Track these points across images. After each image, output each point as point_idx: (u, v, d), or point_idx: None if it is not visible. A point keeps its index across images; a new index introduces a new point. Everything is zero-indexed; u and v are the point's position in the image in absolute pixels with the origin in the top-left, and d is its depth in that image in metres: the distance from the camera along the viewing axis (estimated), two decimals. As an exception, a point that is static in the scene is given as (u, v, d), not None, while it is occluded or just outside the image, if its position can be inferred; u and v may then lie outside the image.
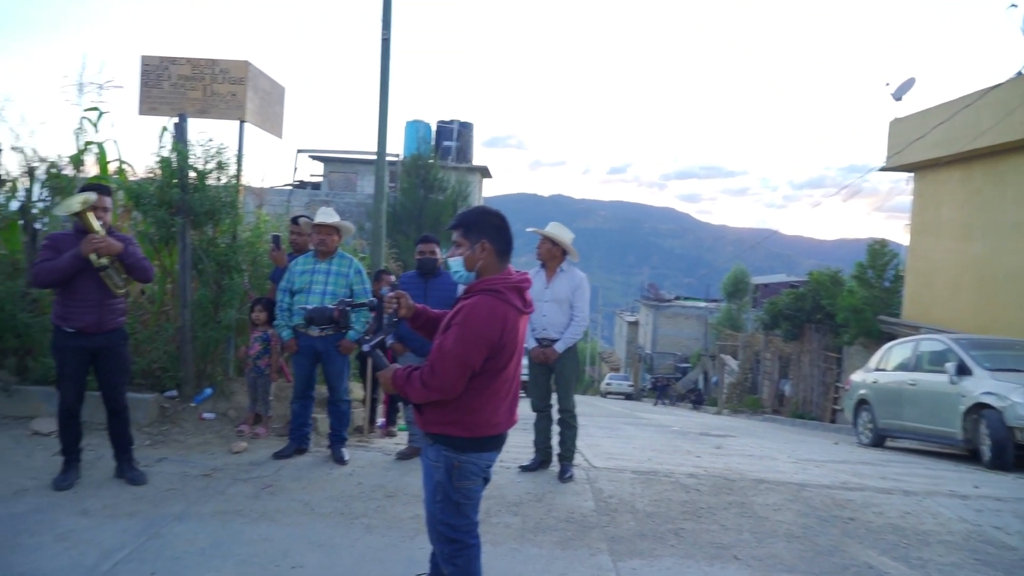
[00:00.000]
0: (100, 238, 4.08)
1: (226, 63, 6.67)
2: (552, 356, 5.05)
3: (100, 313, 4.23)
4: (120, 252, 4.18)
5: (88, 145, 6.61)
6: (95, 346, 4.27)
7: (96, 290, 4.21)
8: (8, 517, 3.81)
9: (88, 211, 4.07)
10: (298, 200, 20.31)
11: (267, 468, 4.89)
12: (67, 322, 4.20)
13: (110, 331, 4.32)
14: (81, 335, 4.21)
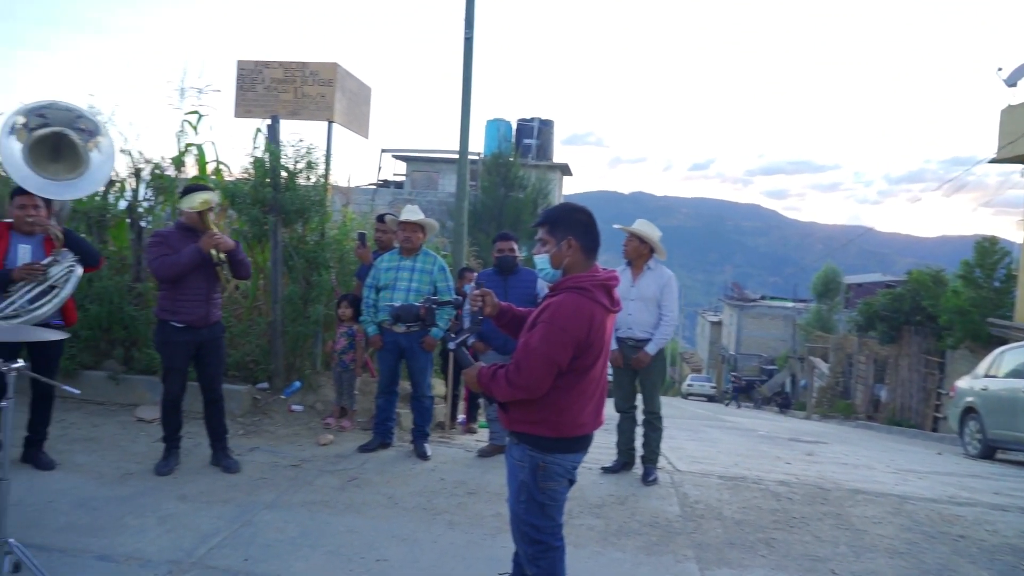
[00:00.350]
0: (219, 234, 4.32)
1: (316, 65, 6.85)
2: (645, 360, 4.94)
3: (208, 307, 4.45)
4: (232, 249, 4.38)
5: (188, 147, 6.95)
6: (200, 340, 4.48)
7: (205, 284, 4.42)
8: (116, 499, 4.03)
9: (208, 212, 4.30)
10: (382, 199, 20.81)
11: (352, 461, 5.00)
12: (176, 316, 4.40)
13: (213, 324, 4.53)
14: (189, 329, 4.42)
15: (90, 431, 5.31)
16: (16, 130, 3.87)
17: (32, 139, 3.83)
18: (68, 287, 4.19)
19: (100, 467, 4.55)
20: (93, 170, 4.10)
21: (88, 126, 4.08)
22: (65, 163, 4.12)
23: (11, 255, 4.15)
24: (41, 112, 3.95)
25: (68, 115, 4.00)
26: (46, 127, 3.97)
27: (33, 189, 3.94)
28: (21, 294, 4.06)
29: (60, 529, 3.58)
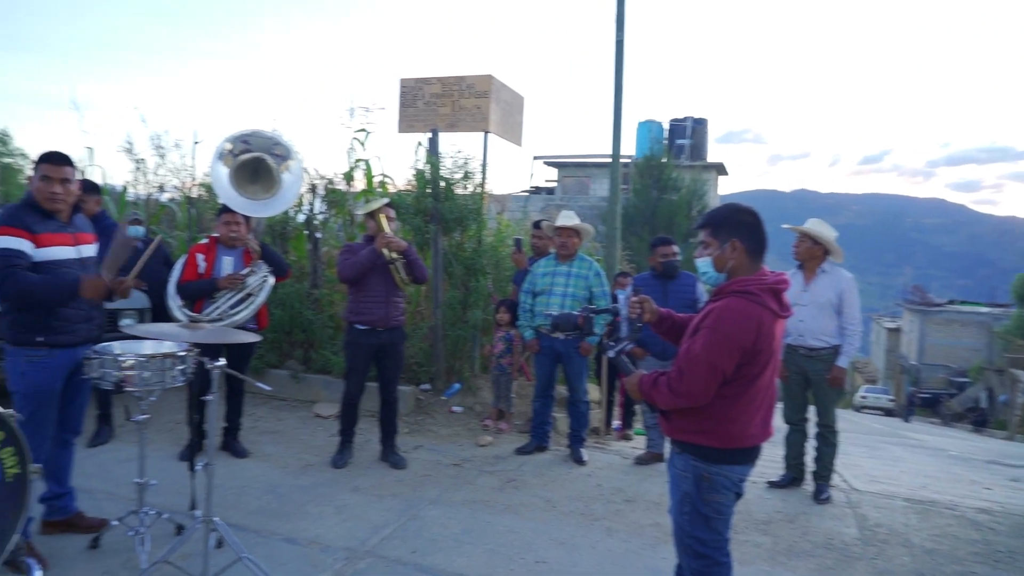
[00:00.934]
0: (391, 235, 4.61)
1: (472, 79, 7.10)
2: (841, 377, 4.62)
3: (387, 308, 4.73)
4: (404, 249, 4.66)
5: (357, 162, 7.45)
6: (381, 342, 4.78)
7: (384, 286, 4.72)
8: (298, 488, 4.38)
9: (380, 213, 4.61)
10: (534, 205, 21.13)
11: (510, 463, 5.10)
12: (360, 317, 4.74)
13: (394, 328, 4.81)
14: (371, 332, 4.74)
15: (275, 424, 5.83)
16: (224, 156, 4.31)
17: (236, 163, 4.26)
18: (262, 295, 4.64)
19: (285, 457, 4.97)
20: (285, 190, 4.49)
21: (282, 151, 4.48)
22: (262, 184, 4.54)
23: (217, 266, 4.68)
24: (245, 139, 4.37)
25: (267, 142, 4.41)
26: (248, 153, 4.39)
27: (236, 208, 4.39)
28: (224, 300, 4.56)
29: (253, 512, 3.95)
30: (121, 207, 8.73)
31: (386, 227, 4.63)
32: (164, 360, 3.13)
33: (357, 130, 7.40)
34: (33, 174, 3.25)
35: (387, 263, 4.69)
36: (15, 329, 3.15)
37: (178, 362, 3.18)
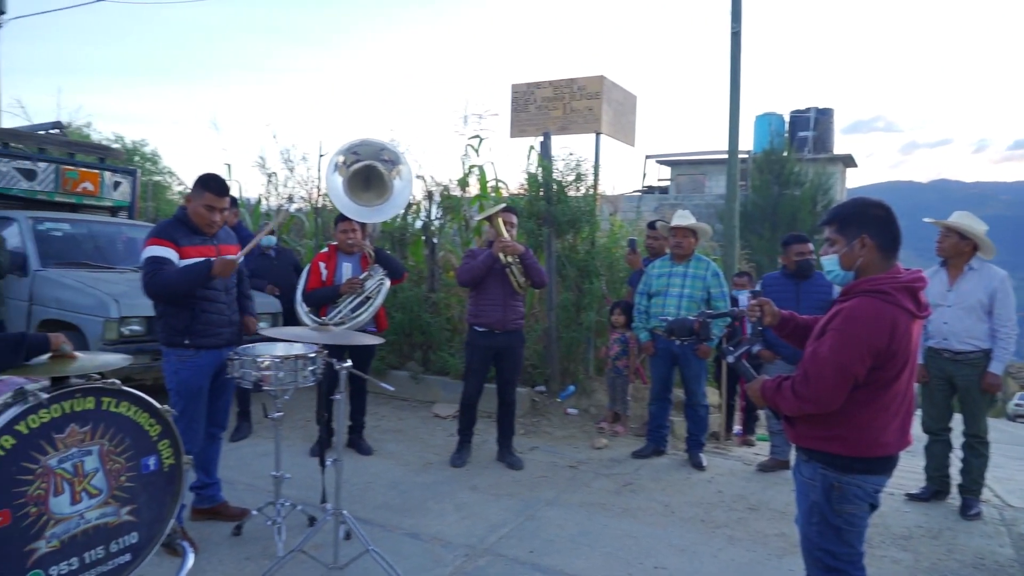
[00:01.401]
0: (507, 240, 4.70)
1: (583, 80, 7.09)
2: (996, 384, 4.24)
3: (504, 312, 4.82)
4: (522, 253, 4.73)
5: (471, 168, 7.62)
6: (499, 345, 4.87)
7: (502, 290, 4.81)
8: (420, 484, 4.54)
9: (498, 218, 4.72)
10: (647, 205, 20.78)
11: (627, 466, 5.03)
12: (479, 320, 4.87)
13: (512, 331, 4.88)
14: (489, 334, 4.85)
15: (397, 423, 6.06)
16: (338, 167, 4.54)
17: (349, 173, 4.47)
18: (380, 297, 4.84)
19: (406, 456, 5.16)
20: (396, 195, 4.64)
21: (390, 157, 4.64)
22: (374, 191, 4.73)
23: (338, 272, 4.93)
24: (355, 150, 4.58)
25: (374, 149, 4.59)
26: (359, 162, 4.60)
27: (352, 215, 4.59)
28: (346, 304, 4.79)
29: (378, 507, 4.13)
30: (255, 218, 9.39)
31: (504, 232, 4.72)
32: (297, 361, 3.34)
33: (471, 137, 7.58)
34: (192, 194, 3.52)
35: (504, 267, 4.77)
36: (167, 332, 3.47)
37: (309, 363, 3.38)
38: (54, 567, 2.13)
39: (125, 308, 5.27)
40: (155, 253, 3.35)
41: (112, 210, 7.97)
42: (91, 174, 7.58)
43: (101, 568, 2.26)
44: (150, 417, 2.38)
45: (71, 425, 2.15)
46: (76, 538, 2.18)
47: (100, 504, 2.24)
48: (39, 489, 2.07)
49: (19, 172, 6.99)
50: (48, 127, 8.94)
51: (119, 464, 2.29)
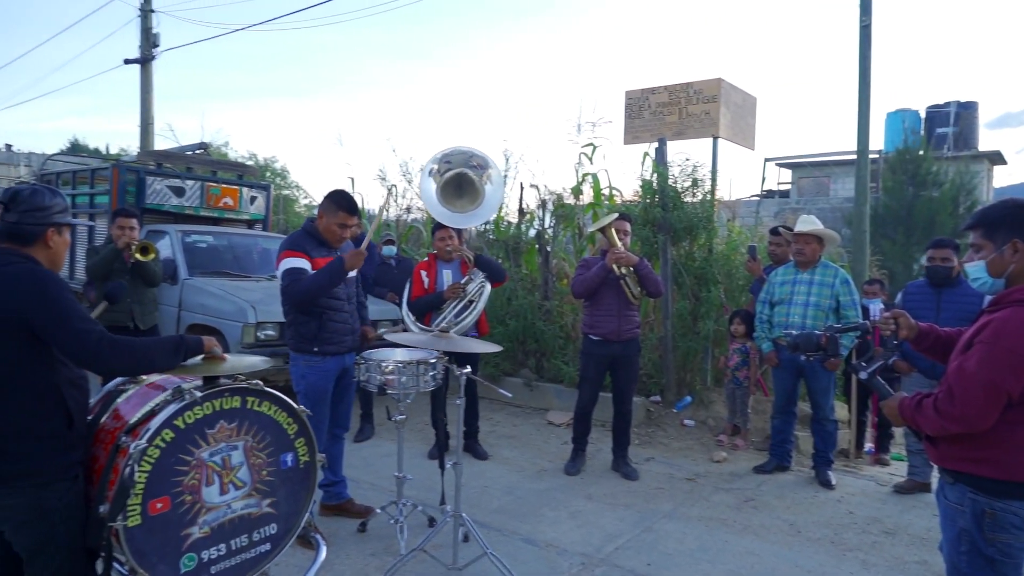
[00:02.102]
0: (621, 251, 4.67)
1: (699, 84, 6.92)
2: None
3: (619, 322, 4.79)
4: (635, 264, 4.69)
5: (585, 176, 7.62)
6: (614, 354, 4.85)
7: (616, 300, 4.79)
8: (535, 491, 4.57)
9: (611, 228, 4.70)
10: (767, 209, 19.95)
11: (748, 481, 4.84)
12: (594, 330, 4.87)
13: (627, 340, 4.84)
14: (604, 343, 4.84)
15: (511, 430, 6.13)
16: (432, 176, 4.67)
17: (442, 181, 4.59)
18: (482, 301, 4.91)
19: (520, 461, 5.21)
20: (488, 199, 4.70)
21: (479, 162, 4.71)
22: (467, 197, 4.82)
23: (439, 279, 5.06)
24: (448, 159, 4.69)
25: (464, 156, 4.67)
26: (451, 170, 4.70)
27: (448, 223, 4.70)
28: (449, 310, 4.89)
29: (494, 511, 4.19)
30: (377, 229, 9.80)
31: (617, 242, 4.69)
32: (418, 366, 3.46)
33: (584, 145, 7.59)
34: (325, 211, 3.72)
35: (618, 278, 4.74)
36: (296, 339, 3.69)
37: (430, 368, 3.50)
38: (205, 551, 2.31)
39: (261, 314, 5.65)
40: (292, 265, 3.58)
41: (248, 223, 8.59)
42: (231, 190, 8.21)
43: (244, 555, 2.43)
44: (288, 416, 2.54)
45: (220, 422, 2.33)
46: (224, 526, 2.36)
47: (244, 496, 2.41)
48: (193, 479, 2.26)
49: (170, 190, 7.67)
50: (194, 148, 9.77)
51: (261, 459, 2.46)
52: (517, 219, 7.80)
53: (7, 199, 2.09)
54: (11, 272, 2.00)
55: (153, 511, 2.16)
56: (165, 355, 2.18)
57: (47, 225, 2.12)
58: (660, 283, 4.82)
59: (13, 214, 2.08)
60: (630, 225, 4.99)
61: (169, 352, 2.19)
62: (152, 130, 14.31)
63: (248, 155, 23.01)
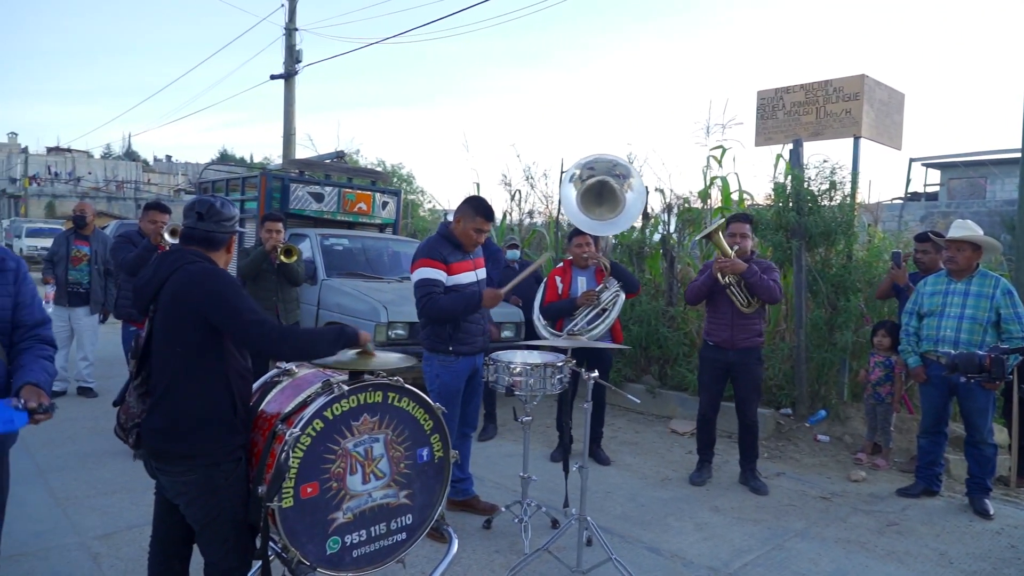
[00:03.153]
0: (726, 260, 4.53)
1: (839, 81, 6.56)
2: None
3: (732, 331, 4.66)
4: (742, 272, 4.52)
5: (713, 180, 7.40)
6: (730, 361, 4.71)
7: (730, 308, 4.66)
8: (658, 499, 4.49)
9: (718, 234, 4.57)
10: (912, 213, 18.52)
11: (890, 504, 4.53)
12: (709, 336, 4.81)
13: (742, 349, 4.69)
14: (718, 349, 4.73)
15: (633, 436, 6.06)
16: (572, 182, 4.67)
17: (583, 188, 4.58)
18: (615, 310, 4.89)
19: (643, 469, 5.14)
20: (628, 208, 4.65)
21: (622, 171, 4.66)
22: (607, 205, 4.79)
23: (573, 285, 5.07)
24: (590, 166, 4.68)
25: (607, 164, 4.65)
26: (593, 177, 4.68)
27: (586, 229, 4.70)
28: (582, 316, 4.90)
29: (617, 517, 4.17)
30: (500, 233, 9.99)
31: (726, 250, 4.56)
32: (546, 369, 3.50)
33: (713, 147, 7.37)
34: (462, 216, 3.84)
35: (724, 287, 4.62)
36: (431, 340, 3.84)
37: (557, 371, 3.53)
38: (348, 535, 2.45)
39: (393, 314, 5.91)
40: (426, 276, 3.72)
41: (380, 227, 9.01)
42: (365, 195, 8.64)
43: (382, 543, 2.56)
44: (425, 413, 2.65)
45: (364, 415, 2.47)
46: (365, 513, 2.49)
47: (384, 486, 2.54)
48: (339, 467, 2.41)
49: (311, 196, 8.19)
50: (332, 156, 10.37)
51: (399, 452, 2.58)
52: (641, 223, 7.71)
53: (204, 210, 2.35)
54: (194, 271, 2.23)
55: (304, 494, 2.32)
56: (327, 344, 2.34)
57: (232, 233, 2.38)
58: (775, 290, 4.58)
59: (208, 223, 2.34)
60: (750, 227, 4.80)
61: (331, 341, 2.35)
62: (294, 140, 15.35)
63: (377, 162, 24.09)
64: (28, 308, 2.22)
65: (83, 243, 6.58)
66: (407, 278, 7.05)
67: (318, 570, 2.35)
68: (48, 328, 2.31)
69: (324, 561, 2.38)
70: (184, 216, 2.41)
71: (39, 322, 2.26)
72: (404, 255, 7.83)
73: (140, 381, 2.29)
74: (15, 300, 2.18)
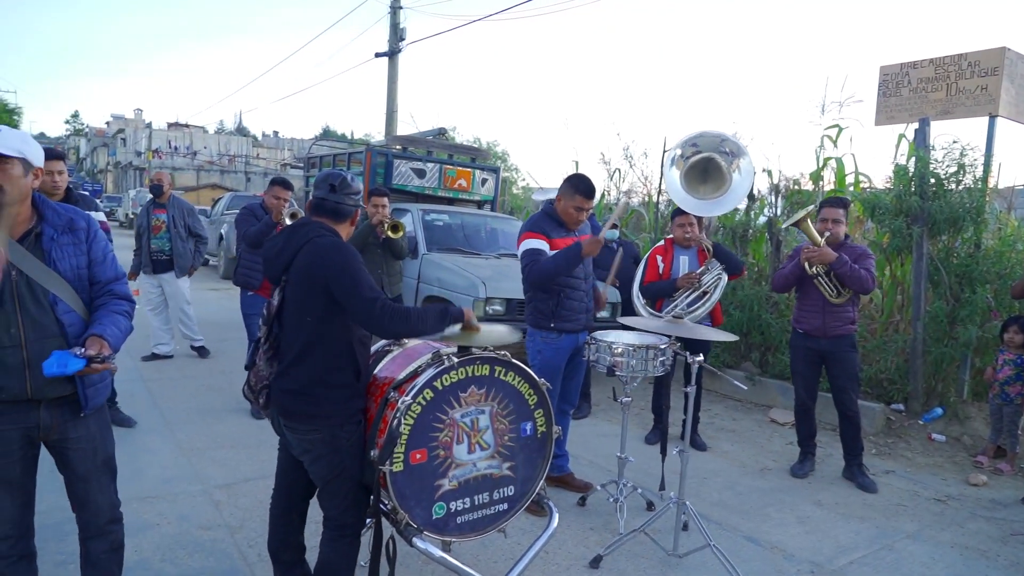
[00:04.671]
0: (814, 249, 4.33)
1: (976, 55, 6.06)
2: None
3: (824, 318, 4.48)
4: (831, 262, 4.30)
5: (827, 161, 7.04)
6: (822, 349, 4.53)
7: (820, 296, 4.47)
8: (757, 489, 4.38)
9: (806, 221, 4.35)
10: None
11: (1015, 512, 4.23)
12: (799, 323, 4.65)
13: (834, 337, 4.49)
14: (808, 336, 4.58)
15: (730, 423, 5.91)
16: (675, 160, 4.53)
17: (687, 166, 4.44)
18: (716, 293, 4.74)
19: (741, 457, 5.02)
20: (734, 188, 4.45)
21: (731, 149, 4.46)
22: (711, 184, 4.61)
23: (675, 266, 4.96)
24: (694, 142, 4.52)
25: (714, 141, 4.47)
26: (698, 154, 4.52)
27: (689, 209, 4.56)
28: (682, 298, 4.78)
29: (714, 504, 4.09)
30: (599, 212, 9.90)
31: (816, 237, 4.35)
32: (648, 351, 3.46)
33: (828, 126, 6.99)
34: (563, 194, 3.84)
35: (812, 277, 4.43)
36: (534, 315, 3.86)
37: (659, 354, 3.48)
38: (453, 502, 2.53)
39: (491, 290, 5.99)
40: (530, 246, 3.76)
41: (479, 204, 9.12)
42: (465, 172, 8.76)
43: (485, 511, 2.63)
44: (529, 388, 2.68)
45: (472, 387, 2.53)
46: (469, 482, 2.56)
47: (488, 457, 2.60)
48: (447, 436, 2.48)
49: (413, 171, 8.37)
50: (434, 133, 10.55)
51: (503, 425, 2.63)
52: (746, 205, 7.44)
53: (337, 182, 2.46)
54: (323, 244, 2.34)
55: (413, 460, 2.41)
56: (433, 322, 2.40)
57: (357, 207, 2.49)
58: (867, 280, 4.31)
59: (339, 195, 2.45)
60: (845, 212, 4.54)
61: (436, 319, 2.41)
62: (396, 117, 15.70)
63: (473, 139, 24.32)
64: (101, 265, 2.27)
65: (160, 211, 6.73)
66: (505, 254, 7.13)
67: (424, 533, 2.43)
68: (123, 284, 2.34)
69: (430, 525, 2.47)
70: (315, 188, 2.51)
71: (113, 278, 2.31)
72: (502, 232, 7.90)
73: (269, 346, 2.43)
74: (88, 258, 2.24)
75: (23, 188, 2.08)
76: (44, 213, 2.17)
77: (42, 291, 2.10)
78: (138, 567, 2.98)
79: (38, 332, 2.07)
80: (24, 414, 2.11)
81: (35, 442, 2.17)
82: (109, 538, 2.36)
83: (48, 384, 2.08)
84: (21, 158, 2.05)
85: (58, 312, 2.11)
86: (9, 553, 2.18)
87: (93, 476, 2.28)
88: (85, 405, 2.18)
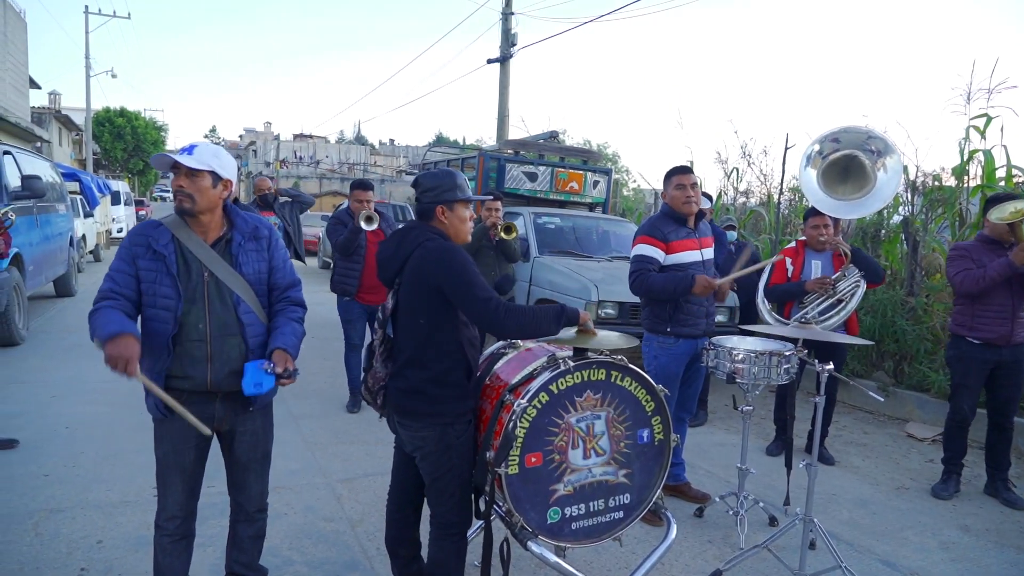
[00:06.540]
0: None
1: None
2: None
3: (1012, 324, 4.06)
4: None
5: (973, 154, 6.45)
6: (999, 359, 4.12)
7: (1011, 300, 4.06)
8: (892, 509, 4.06)
9: (1018, 218, 3.90)
10: None
11: None
12: (973, 332, 4.18)
13: (1016, 344, 4.08)
14: (987, 347, 4.14)
15: (861, 437, 5.53)
16: (812, 159, 4.26)
17: (825, 164, 4.15)
18: (853, 301, 4.40)
19: (874, 474, 4.68)
20: (879, 188, 4.11)
21: (878, 146, 4.13)
22: (852, 183, 4.28)
23: (805, 269, 4.65)
24: (835, 138, 4.23)
25: (859, 137, 4.15)
26: (838, 151, 4.21)
27: (825, 210, 4.27)
28: (813, 305, 4.49)
29: (844, 522, 3.83)
30: (715, 213, 9.57)
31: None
32: (771, 357, 3.28)
33: (975, 116, 6.40)
34: (665, 186, 3.78)
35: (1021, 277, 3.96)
36: (651, 320, 3.76)
37: (784, 361, 3.29)
38: (568, 508, 2.49)
39: (603, 293, 5.91)
40: (642, 252, 3.67)
41: (590, 206, 9.05)
42: (576, 175, 8.72)
43: (600, 518, 2.57)
44: (647, 394, 2.60)
45: (588, 391, 2.48)
46: (584, 488, 2.52)
47: (603, 463, 2.55)
48: (562, 441, 2.45)
49: (525, 175, 8.43)
50: (546, 136, 10.57)
51: (620, 431, 2.56)
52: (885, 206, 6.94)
53: (415, 184, 2.49)
54: (431, 247, 2.37)
55: (528, 463, 2.39)
56: (549, 322, 2.38)
57: (436, 203, 2.45)
58: None
59: (418, 196, 2.48)
60: None
61: (552, 320, 2.38)
62: (507, 121, 15.88)
63: (583, 141, 24.22)
64: (281, 271, 2.44)
65: (268, 213, 6.84)
66: (617, 257, 7.02)
67: (539, 537, 2.41)
68: (298, 290, 2.51)
69: (545, 529, 2.45)
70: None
71: (290, 284, 2.47)
72: (613, 234, 7.80)
73: (384, 348, 2.49)
74: (269, 264, 2.42)
75: (212, 198, 2.27)
76: (235, 221, 2.37)
77: (228, 292, 2.29)
78: (268, 552, 3.14)
79: (221, 329, 2.27)
80: (203, 406, 2.29)
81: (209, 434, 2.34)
82: (256, 525, 2.56)
83: (225, 378, 2.27)
84: (210, 171, 2.25)
85: (240, 312, 2.30)
86: (174, 532, 2.39)
87: (252, 466, 2.48)
88: (254, 401, 2.37)
